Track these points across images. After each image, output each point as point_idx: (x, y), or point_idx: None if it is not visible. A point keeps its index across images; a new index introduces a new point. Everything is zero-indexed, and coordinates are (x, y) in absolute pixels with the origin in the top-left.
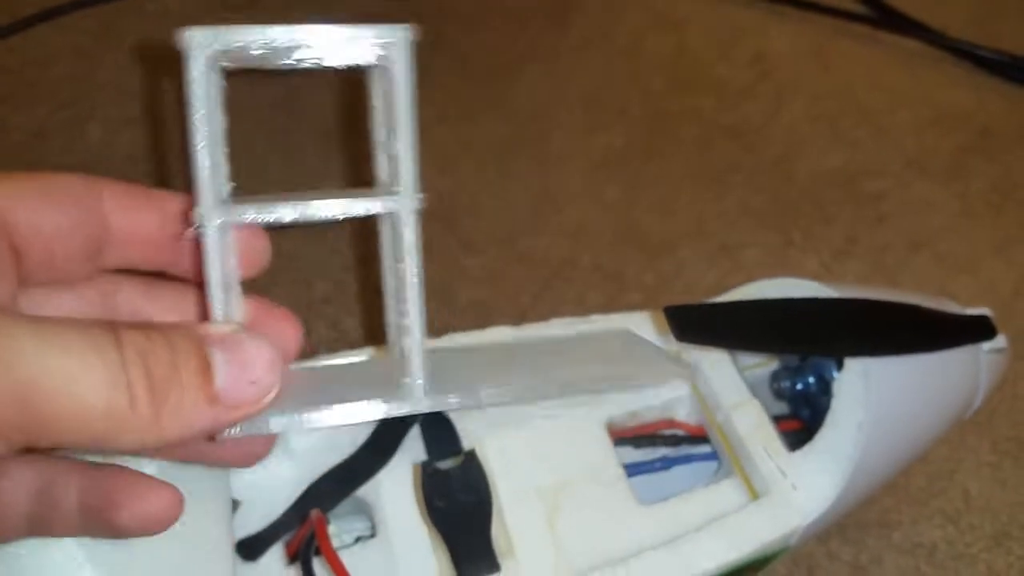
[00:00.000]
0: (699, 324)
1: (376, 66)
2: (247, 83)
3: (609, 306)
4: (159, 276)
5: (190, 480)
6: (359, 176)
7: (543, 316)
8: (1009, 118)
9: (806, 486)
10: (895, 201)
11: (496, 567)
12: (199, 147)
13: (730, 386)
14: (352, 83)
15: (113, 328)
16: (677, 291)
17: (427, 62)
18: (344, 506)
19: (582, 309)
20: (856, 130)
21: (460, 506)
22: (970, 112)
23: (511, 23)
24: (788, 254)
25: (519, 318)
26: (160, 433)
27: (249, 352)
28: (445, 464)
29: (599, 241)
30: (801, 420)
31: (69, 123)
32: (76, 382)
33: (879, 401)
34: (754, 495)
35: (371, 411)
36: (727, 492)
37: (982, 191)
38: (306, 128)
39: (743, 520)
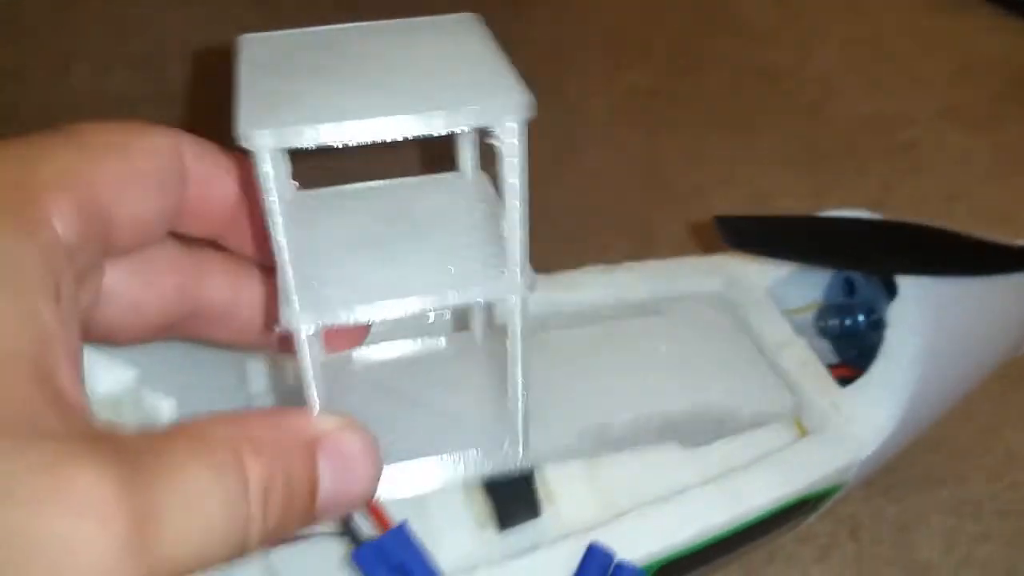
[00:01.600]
0: (755, 233)
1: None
2: None
3: (636, 256)
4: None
5: None
6: None
7: (569, 267)
8: None
9: (861, 419)
10: (930, 151)
11: (537, 511)
12: (283, 246)
13: (774, 326)
14: None
15: (241, 464)
16: (708, 238)
17: None
18: None
19: (608, 260)
20: (888, 77)
21: None
22: (1003, 58)
23: None
24: (821, 204)
25: (541, 271)
26: (257, 551)
27: (353, 468)
28: None
29: (624, 189)
30: (850, 367)
31: (51, 62)
32: (206, 544)
33: (936, 328)
34: (804, 434)
35: (470, 469)
36: (776, 432)
37: (1015, 141)
38: None
39: (796, 455)
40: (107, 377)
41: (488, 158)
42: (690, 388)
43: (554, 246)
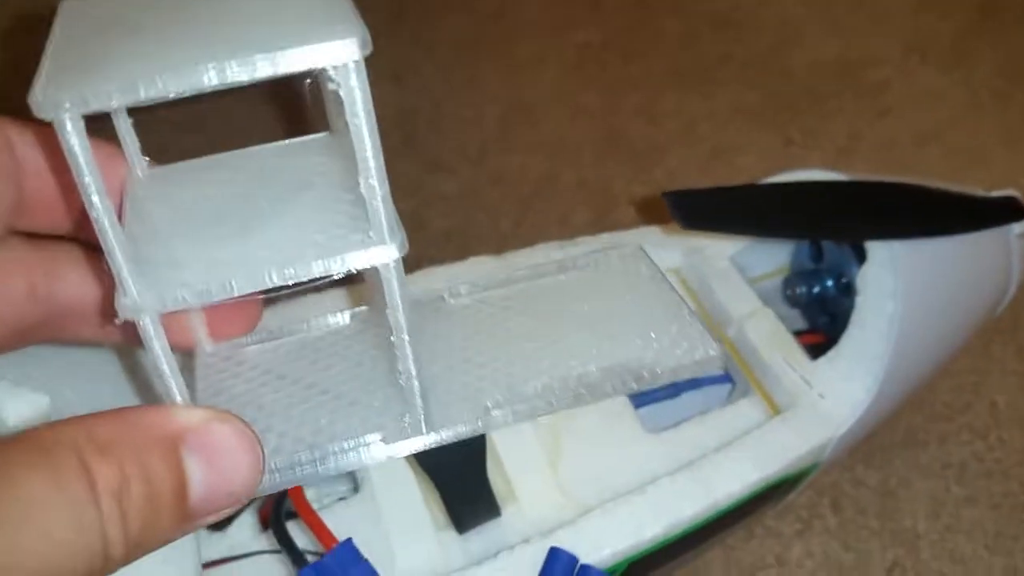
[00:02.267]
0: (707, 209)
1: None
2: None
3: (598, 225)
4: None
5: None
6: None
7: (526, 241)
8: None
9: (835, 393)
10: (897, 92)
11: (497, 511)
12: (107, 228)
13: (739, 296)
14: None
15: (85, 468)
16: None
17: None
18: None
19: (569, 230)
20: (850, 15)
21: (450, 448)
22: None
23: None
24: (788, 155)
25: (500, 244)
26: (128, 559)
27: (227, 458)
28: None
29: (580, 153)
30: (821, 332)
31: None
32: (49, 563)
33: (909, 292)
34: (776, 411)
35: (373, 455)
36: (746, 411)
37: (987, 77)
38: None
39: (768, 436)
40: (16, 406)
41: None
42: (606, 345)
43: (511, 218)
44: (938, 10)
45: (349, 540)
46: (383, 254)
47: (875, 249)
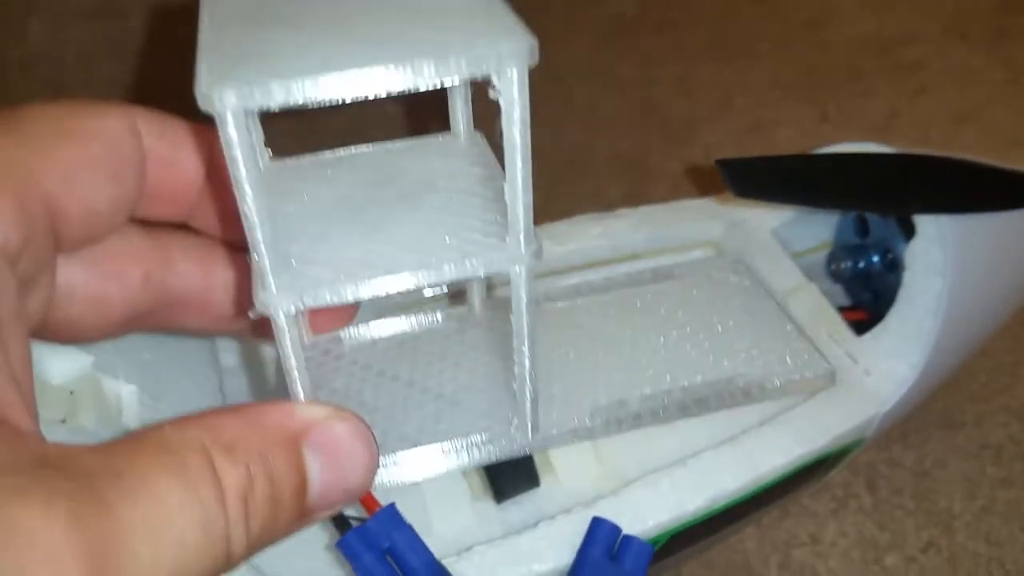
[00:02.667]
0: (761, 177)
1: None
2: None
3: (632, 198)
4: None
5: None
6: None
7: (558, 214)
8: None
9: (881, 370)
10: (935, 70)
11: (536, 481)
12: (256, 224)
13: (782, 271)
14: None
15: (213, 470)
16: (707, 178)
17: None
18: None
19: (602, 203)
20: None
21: None
22: None
23: None
24: (824, 131)
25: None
26: (246, 558)
27: (346, 458)
28: None
29: (614, 125)
30: (863, 309)
31: (4, 16)
32: (181, 566)
33: (958, 268)
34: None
35: (477, 457)
36: None
37: None
38: None
39: (813, 411)
40: (61, 366)
41: (482, 117)
42: (711, 357)
43: (543, 192)
44: None
45: (392, 504)
46: (518, 260)
47: (924, 224)
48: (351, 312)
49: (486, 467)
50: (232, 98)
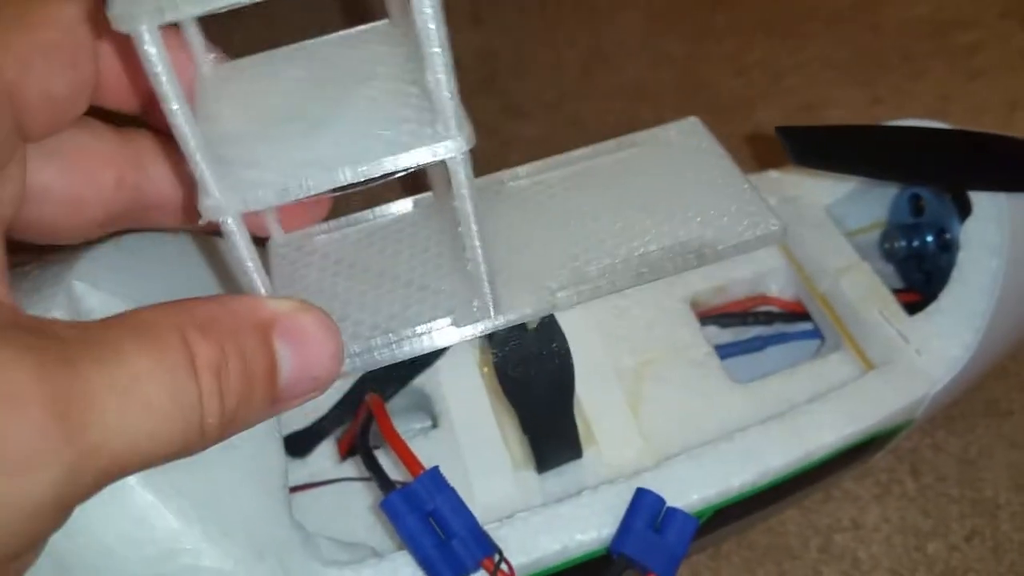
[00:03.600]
0: (821, 145)
1: None
2: None
3: None
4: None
5: None
6: None
7: None
8: None
9: (932, 350)
10: (991, 55)
11: (579, 452)
12: (188, 135)
13: (834, 249)
14: None
15: (186, 344)
16: (757, 158)
17: None
18: (400, 401)
19: None
20: None
21: (538, 378)
22: None
23: None
24: (876, 113)
25: None
26: (221, 436)
27: (312, 345)
28: (517, 330)
29: (662, 102)
30: (915, 291)
31: None
32: (149, 430)
33: (1014, 249)
34: (869, 367)
35: (445, 338)
36: (837, 366)
37: None
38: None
39: (863, 390)
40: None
41: None
42: (667, 224)
43: None
44: None
45: (436, 468)
46: (451, 148)
47: (982, 203)
48: (323, 207)
49: (530, 437)
50: (143, 15)
